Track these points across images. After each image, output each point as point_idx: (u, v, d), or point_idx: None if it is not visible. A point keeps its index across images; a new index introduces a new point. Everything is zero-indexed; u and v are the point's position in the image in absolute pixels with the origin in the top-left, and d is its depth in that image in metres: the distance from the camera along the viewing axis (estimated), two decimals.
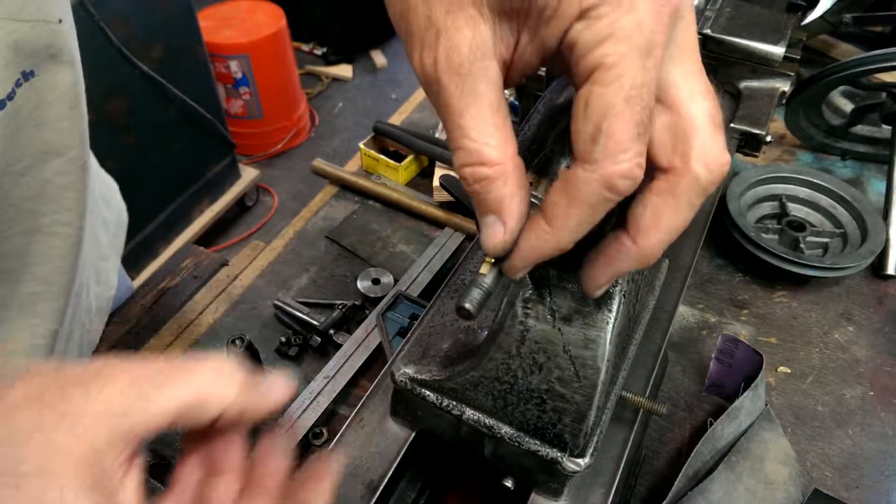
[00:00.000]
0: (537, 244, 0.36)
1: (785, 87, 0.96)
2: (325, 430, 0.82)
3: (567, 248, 0.36)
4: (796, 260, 0.94)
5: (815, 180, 1.06)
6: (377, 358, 0.87)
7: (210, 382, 0.39)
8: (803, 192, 1.07)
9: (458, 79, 0.34)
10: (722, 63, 0.95)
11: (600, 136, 0.32)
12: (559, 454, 0.51)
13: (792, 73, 0.96)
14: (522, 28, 0.35)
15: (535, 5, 0.33)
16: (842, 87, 1.18)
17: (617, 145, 0.32)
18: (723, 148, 0.36)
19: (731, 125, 0.93)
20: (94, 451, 0.34)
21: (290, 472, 0.42)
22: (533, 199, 0.39)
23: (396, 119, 1.30)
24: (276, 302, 0.96)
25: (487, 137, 0.34)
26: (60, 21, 0.58)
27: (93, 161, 0.82)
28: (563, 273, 0.46)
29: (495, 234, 0.37)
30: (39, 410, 0.34)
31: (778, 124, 1.23)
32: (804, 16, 1.15)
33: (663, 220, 0.35)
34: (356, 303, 0.95)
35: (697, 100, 0.36)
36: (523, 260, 0.37)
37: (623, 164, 0.32)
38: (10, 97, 0.55)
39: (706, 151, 0.35)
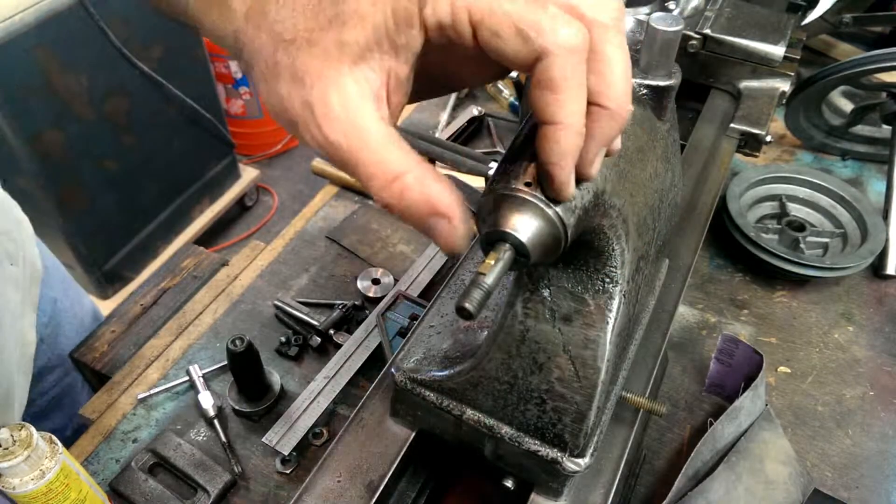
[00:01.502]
0: (557, 148, 0.38)
1: (785, 87, 0.96)
2: (325, 430, 0.82)
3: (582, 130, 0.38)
4: (796, 260, 0.94)
5: (815, 180, 1.06)
6: (377, 358, 0.87)
7: None
8: (803, 192, 1.07)
9: (341, 134, 0.37)
10: (722, 63, 0.95)
11: (524, 31, 0.36)
12: (559, 454, 0.51)
13: (792, 73, 0.96)
14: (382, 56, 0.38)
15: (379, 32, 0.37)
16: (842, 87, 1.18)
17: (538, 24, 0.35)
18: None
19: (732, 125, 0.93)
20: None
21: None
22: (532, 198, 0.39)
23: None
24: (276, 302, 0.96)
25: (387, 156, 0.37)
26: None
27: None
28: (562, 273, 0.46)
29: (448, 231, 0.38)
30: None
31: (778, 124, 1.23)
32: (804, 16, 1.15)
33: (604, 71, 0.38)
34: (356, 303, 0.95)
35: None
36: (562, 170, 0.39)
37: (559, 31, 0.36)
38: None
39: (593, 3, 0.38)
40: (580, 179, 0.41)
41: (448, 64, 0.45)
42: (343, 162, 0.38)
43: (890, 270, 1.00)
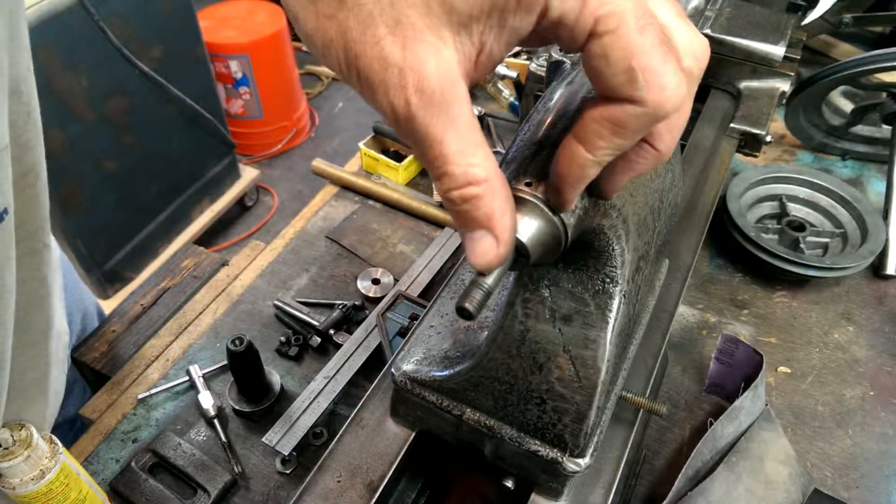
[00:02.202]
0: (581, 173, 0.37)
1: (785, 87, 0.96)
2: (325, 431, 0.82)
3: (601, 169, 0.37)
4: (796, 260, 0.94)
5: (815, 180, 1.06)
6: (377, 358, 0.87)
7: None
8: (803, 192, 1.07)
9: (433, 110, 0.33)
10: (722, 63, 0.95)
11: (636, 74, 0.32)
12: (559, 454, 0.51)
13: (792, 73, 0.96)
14: (485, 30, 0.34)
15: (496, 5, 0.33)
16: (842, 87, 1.18)
17: (655, 76, 0.32)
18: (697, 34, 0.37)
19: (732, 125, 0.93)
20: None
21: None
22: (532, 199, 0.39)
23: None
24: (276, 302, 0.96)
25: (470, 157, 0.34)
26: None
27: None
28: (562, 273, 0.46)
29: (488, 250, 0.36)
30: None
31: (778, 124, 1.23)
32: (804, 16, 1.15)
33: (674, 122, 0.37)
34: (356, 303, 0.95)
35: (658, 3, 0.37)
36: (573, 190, 0.38)
37: (668, 91, 0.33)
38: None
39: (688, 44, 0.36)
40: (600, 197, 0.41)
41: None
42: (419, 140, 0.34)
43: (890, 270, 1.00)
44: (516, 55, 1.35)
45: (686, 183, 0.83)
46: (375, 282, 0.98)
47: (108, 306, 2.39)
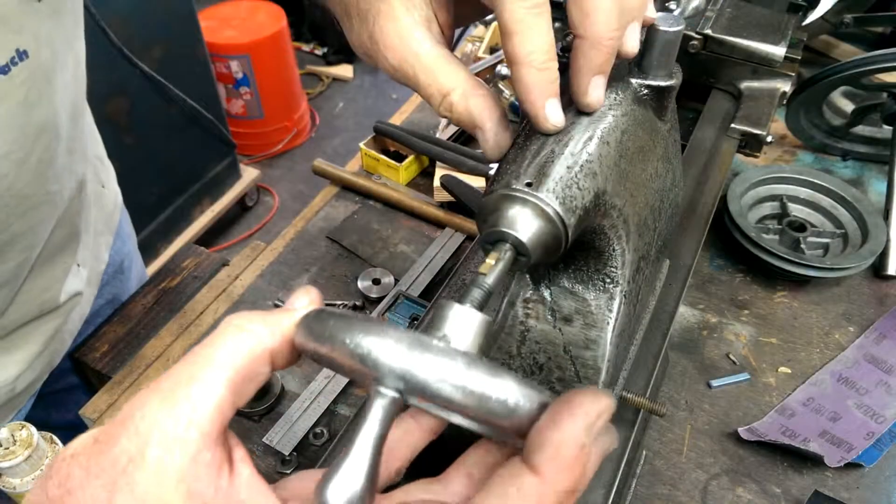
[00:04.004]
0: (530, 82, 0.42)
1: (786, 87, 0.96)
2: (325, 430, 0.82)
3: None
4: (797, 260, 0.94)
5: (815, 181, 1.06)
6: None
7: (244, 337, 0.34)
8: (804, 192, 1.07)
9: (404, 63, 0.44)
10: (723, 63, 0.95)
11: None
12: None
13: (793, 74, 0.96)
14: None
15: None
16: (842, 88, 1.18)
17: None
18: None
19: (732, 125, 0.93)
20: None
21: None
22: (533, 198, 0.39)
23: (397, 119, 1.30)
24: (276, 302, 0.96)
25: (438, 75, 0.44)
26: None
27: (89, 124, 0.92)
28: (563, 273, 0.46)
29: (482, 140, 0.44)
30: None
31: (779, 124, 1.23)
32: (805, 16, 1.15)
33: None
34: (356, 303, 0.95)
35: None
36: (542, 99, 0.42)
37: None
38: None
39: None
40: (581, 111, 0.44)
41: None
42: (408, 84, 0.45)
43: (891, 271, 1.00)
44: None
45: (687, 183, 0.83)
46: (376, 282, 0.98)
47: None
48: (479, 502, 0.29)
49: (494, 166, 0.44)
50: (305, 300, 0.37)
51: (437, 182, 1.09)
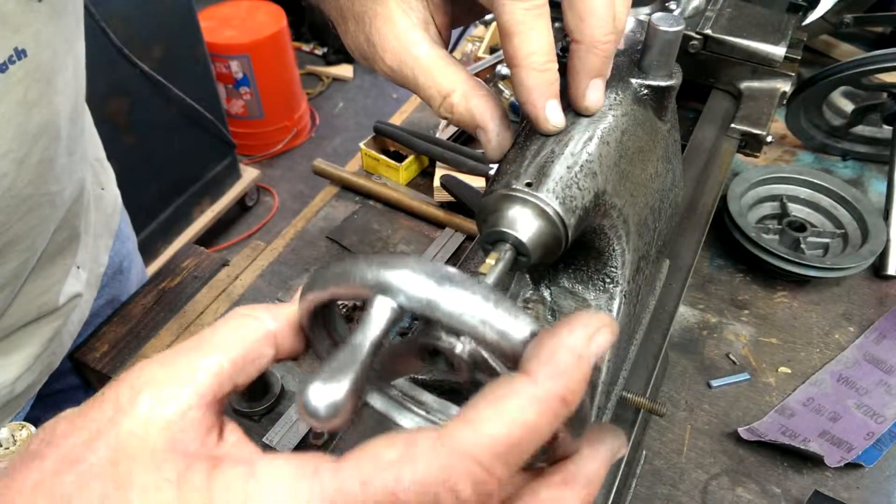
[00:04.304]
0: (531, 84, 0.42)
1: (786, 87, 0.96)
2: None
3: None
4: (797, 260, 0.94)
5: (815, 181, 1.06)
6: None
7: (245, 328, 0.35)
8: (804, 192, 1.07)
9: (403, 66, 0.44)
10: (723, 63, 0.95)
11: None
12: None
13: (793, 74, 0.95)
14: None
15: None
16: (842, 88, 1.18)
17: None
18: None
19: (732, 125, 0.93)
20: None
21: None
22: (533, 198, 0.39)
23: (397, 119, 1.30)
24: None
25: (438, 76, 0.44)
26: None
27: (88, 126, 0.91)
28: (563, 273, 0.46)
29: (484, 141, 0.45)
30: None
31: (779, 124, 1.23)
32: (805, 16, 1.15)
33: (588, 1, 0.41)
34: (357, 303, 0.95)
35: None
36: (543, 97, 0.42)
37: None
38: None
39: None
40: (580, 114, 0.44)
41: None
42: (407, 86, 0.45)
43: (891, 271, 1.00)
44: None
45: (686, 183, 0.83)
46: None
47: None
48: (471, 405, 0.28)
49: (494, 166, 0.45)
50: None
51: (437, 182, 1.09)
